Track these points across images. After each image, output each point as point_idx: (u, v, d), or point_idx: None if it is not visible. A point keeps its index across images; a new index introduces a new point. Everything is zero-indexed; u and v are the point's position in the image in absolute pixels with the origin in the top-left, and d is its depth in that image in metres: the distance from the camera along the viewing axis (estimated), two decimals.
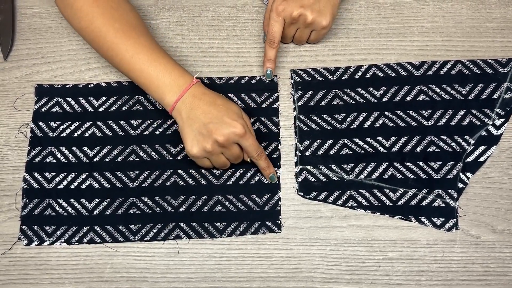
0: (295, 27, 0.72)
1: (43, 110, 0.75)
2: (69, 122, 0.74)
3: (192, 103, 0.65)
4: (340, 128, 0.72)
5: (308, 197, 0.70)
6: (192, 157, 0.67)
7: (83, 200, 0.71)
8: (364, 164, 0.71)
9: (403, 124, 0.72)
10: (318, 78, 0.75)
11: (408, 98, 0.73)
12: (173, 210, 0.70)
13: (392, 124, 0.72)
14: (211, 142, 0.64)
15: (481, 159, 0.70)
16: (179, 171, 0.72)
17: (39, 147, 0.73)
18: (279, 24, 0.70)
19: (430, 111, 0.72)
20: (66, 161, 0.72)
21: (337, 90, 0.74)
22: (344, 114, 0.73)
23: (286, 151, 0.72)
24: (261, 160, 0.68)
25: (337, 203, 0.70)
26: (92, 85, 0.76)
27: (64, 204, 0.71)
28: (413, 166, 0.70)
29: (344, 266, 0.67)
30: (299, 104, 0.74)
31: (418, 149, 0.71)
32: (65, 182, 0.72)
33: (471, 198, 0.69)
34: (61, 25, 0.79)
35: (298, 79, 0.75)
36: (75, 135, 0.74)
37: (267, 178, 0.71)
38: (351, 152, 0.71)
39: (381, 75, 0.74)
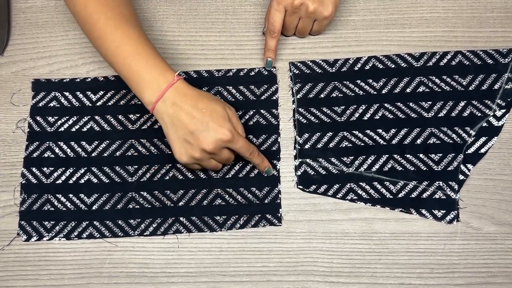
0: (296, 16, 0.71)
1: (40, 104, 0.74)
2: (67, 117, 0.74)
3: (174, 106, 0.62)
4: (339, 120, 0.72)
5: (307, 190, 0.70)
6: (181, 164, 0.67)
7: (82, 195, 0.70)
8: (364, 156, 0.70)
9: (403, 116, 0.71)
10: (317, 70, 0.74)
11: (408, 90, 0.72)
12: (172, 205, 0.70)
13: (392, 116, 0.71)
14: (199, 151, 0.63)
15: (482, 150, 0.70)
16: (178, 165, 0.71)
17: (37, 142, 0.73)
18: (279, 13, 0.70)
19: (430, 102, 0.72)
20: (64, 156, 0.72)
21: (336, 82, 0.73)
22: (343, 107, 0.72)
23: (285, 145, 0.72)
24: (254, 157, 0.67)
25: (337, 196, 0.69)
26: (89, 79, 0.75)
27: (63, 199, 0.70)
28: (414, 158, 0.70)
29: (345, 259, 0.67)
30: (298, 97, 0.73)
31: (419, 141, 0.70)
32: (63, 177, 0.71)
33: (472, 190, 0.69)
34: (57, 19, 0.78)
35: (297, 72, 0.74)
36: (73, 129, 0.73)
37: (263, 172, 0.70)
38: (350, 145, 0.71)
39: (381, 66, 0.74)
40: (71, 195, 0.71)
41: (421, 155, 0.70)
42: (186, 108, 0.62)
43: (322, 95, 0.73)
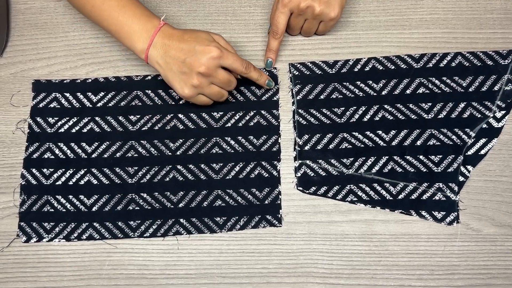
0: (302, 18, 0.71)
1: (41, 105, 0.74)
2: (67, 118, 0.74)
3: (164, 47, 0.65)
4: (339, 122, 0.72)
5: (307, 192, 0.70)
6: (187, 99, 0.68)
7: (82, 196, 0.70)
8: (364, 158, 0.70)
9: (403, 118, 0.71)
10: (317, 72, 0.74)
11: (407, 91, 0.72)
12: (172, 206, 0.70)
13: (391, 118, 0.71)
14: (195, 76, 0.65)
15: (482, 152, 0.70)
16: (178, 167, 0.71)
17: (37, 143, 0.73)
18: (284, 15, 0.70)
19: (430, 104, 0.71)
20: (64, 157, 0.72)
21: (336, 84, 0.73)
22: (343, 108, 0.72)
23: (285, 146, 0.72)
24: (251, 72, 0.69)
25: (337, 197, 0.69)
26: (90, 80, 0.75)
27: (63, 201, 0.70)
28: (413, 160, 0.70)
29: (344, 261, 0.67)
30: (297, 98, 0.73)
31: (418, 143, 0.70)
32: (63, 178, 0.71)
33: (472, 192, 0.69)
34: (57, 21, 0.78)
35: (297, 73, 0.74)
36: (73, 130, 0.73)
37: (264, 86, 0.72)
38: (350, 146, 0.71)
39: (380, 68, 0.74)
40: (71, 197, 0.70)
41: (421, 157, 0.70)
42: (174, 44, 0.65)
43: (321, 97, 0.73)
